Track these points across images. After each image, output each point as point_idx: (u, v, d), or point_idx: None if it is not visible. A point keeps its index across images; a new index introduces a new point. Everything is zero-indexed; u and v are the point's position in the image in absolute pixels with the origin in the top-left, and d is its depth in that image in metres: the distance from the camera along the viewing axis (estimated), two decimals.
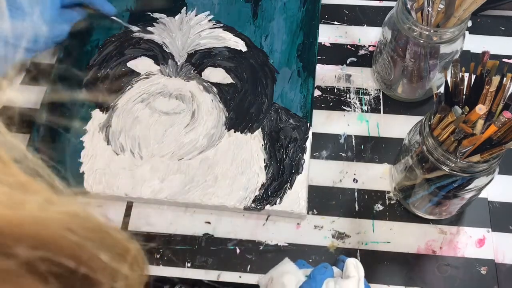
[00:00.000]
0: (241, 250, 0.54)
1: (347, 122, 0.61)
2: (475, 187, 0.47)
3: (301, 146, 0.57)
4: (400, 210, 0.55)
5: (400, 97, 0.61)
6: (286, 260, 0.47)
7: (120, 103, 0.59)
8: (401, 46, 0.55)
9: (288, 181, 0.55)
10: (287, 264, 0.46)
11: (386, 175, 0.57)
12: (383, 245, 0.53)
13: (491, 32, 0.66)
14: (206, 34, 0.64)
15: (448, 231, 0.54)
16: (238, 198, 0.54)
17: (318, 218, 0.55)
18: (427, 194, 0.49)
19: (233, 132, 0.58)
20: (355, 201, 0.56)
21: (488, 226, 0.54)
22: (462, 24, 0.50)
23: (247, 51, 0.64)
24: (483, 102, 0.42)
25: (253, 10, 0.67)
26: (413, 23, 0.51)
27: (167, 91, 0.60)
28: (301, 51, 0.64)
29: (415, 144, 0.48)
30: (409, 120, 0.60)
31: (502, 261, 0.52)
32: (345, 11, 0.69)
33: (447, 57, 0.54)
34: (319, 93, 0.63)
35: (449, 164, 0.43)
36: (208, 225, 0.55)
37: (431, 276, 0.52)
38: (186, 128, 0.58)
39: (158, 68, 0.62)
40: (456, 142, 0.42)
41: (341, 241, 0.54)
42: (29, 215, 0.18)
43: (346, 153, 0.59)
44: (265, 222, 0.55)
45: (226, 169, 0.56)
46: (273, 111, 0.60)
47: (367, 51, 0.66)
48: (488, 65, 0.42)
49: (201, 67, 0.61)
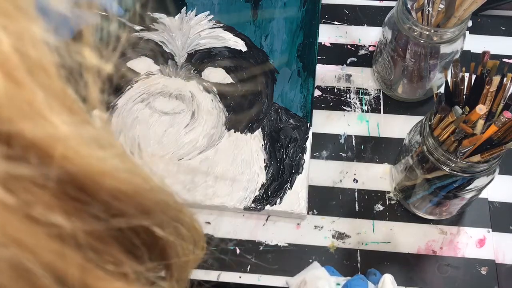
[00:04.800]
0: (241, 250, 0.53)
1: (347, 122, 0.60)
2: (476, 187, 0.47)
3: (301, 146, 0.57)
4: (400, 210, 0.55)
5: (400, 97, 0.61)
6: (317, 264, 0.47)
7: (120, 103, 0.59)
8: (401, 46, 0.55)
9: (288, 181, 0.55)
10: (319, 268, 0.46)
11: (386, 175, 0.57)
12: (383, 245, 0.53)
13: (491, 32, 0.66)
14: (206, 34, 0.64)
15: (448, 231, 0.54)
16: (238, 198, 0.54)
17: (318, 218, 0.55)
18: (428, 194, 0.49)
19: (233, 132, 0.58)
20: (355, 201, 0.56)
21: (489, 226, 0.54)
22: (463, 24, 0.50)
23: (247, 51, 0.63)
24: (483, 102, 0.42)
25: (253, 10, 0.67)
26: (413, 23, 0.50)
27: (167, 91, 0.60)
28: (301, 51, 0.64)
29: (415, 144, 0.48)
30: (409, 120, 0.60)
31: (503, 261, 0.52)
32: (345, 11, 0.69)
33: (448, 57, 0.54)
34: (319, 93, 0.63)
35: (449, 164, 0.43)
36: (208, 225, 0.55)
37: (432, 276, 0.52)
38: (186, 128, 0.58)
39: (158, 68, 0.62)
40: (456, 142, 0.42)
41: (341, 241, 0.54)
42: (144, 183, 0.19)
43: (346, 153, 0.59)
44: (265, 222, 0.55)
45: (226, 169, 0.56)
46: (273, 111, 0.59)
47: (367, 51, 0.66)
48: (488, 65, 0.42)
49: (201, 67, 0.61)
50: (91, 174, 0.16)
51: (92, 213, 0.17)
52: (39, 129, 0.15)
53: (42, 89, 0.15)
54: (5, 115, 0.14)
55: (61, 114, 0.16)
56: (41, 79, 0.16)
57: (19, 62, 0.15)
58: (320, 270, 0.45)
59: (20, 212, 0.15)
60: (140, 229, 0.19)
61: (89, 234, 0.17)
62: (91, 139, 0.17)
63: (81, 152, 0.16)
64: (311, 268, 0.46)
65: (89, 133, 0.17)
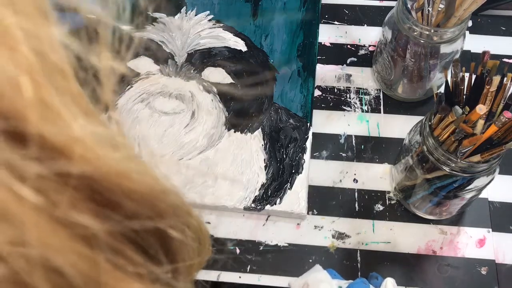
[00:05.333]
0: (241, 250, 0.53)
1: (347, 122, 0.60)
2: (476, 187, 0.46)
3: (301, 146, 0.57)
4: (400, 210, 0.55)
5: (400, 97, 0.61)
6: (319, 267, 0.46)
7: (120, 103, 0.59)
8: (401, 46, 0.55)
9: (288, 181, 0.55)
10: (321, 271, 0.45)
11: (386, 175, 0.57)
12: (383, 245, 0.53)
13: (491, 32, 0.66)
14: (206, 34, 0.64)
15: (448, 231, 0.54)
16: (238, 198, 0.54)
17: (318, 218, 0.55)
18: (428, 194, 0.49)
19: (233, 132, 0.58)
20: (355, 201, 0.56)
21: (489, 226, 0.54)
22: (463, 24, 0.50)
23: (247, 51, 0.63)
24: (483, 102, 0.42)
25: (253, 10, 0.67)
26: (414, 23, 0.50)
27: (167, 91, 0.60)
28: (301, 51, 0.64)
29: (415, 144, 0.48)
30: (409, 120, 0.60)
31: (503, 261, 0.52)
32: (345, 11, 0.69)
33: (448, 57, 0.54)
34: (319, 93, 0.63)
35: (449, 164, 0.43)
36: (208, 225, 0.55)
37: (432, 276, 0.52)
38: (186, 128, 0.58)
39: (158, 67, 0.62)
40: (456, 142, 0.42)
41: (341, 241, 0.54)
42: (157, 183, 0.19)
43: (346, 153, 0.59)
44: (265, 222, 0.55)
45: (226, 169, 0.56)
46: (273, 111, 0.59)
47: (367, 51, 0.66)
48: (488, 65, 0.42)
49: (201, 67, 0.61)
50: (107, 175, 0.16)
51: (110, 215, 0.17)
52: (59, 132, 0.15)
53: (60, 92, 0.16)
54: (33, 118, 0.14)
55: (78, 116, 0.16)
56: (59, 82, 0.16)
57: (39, 65, 0.15)
58: (322, 273, 0.45)
59: (46, 213, 0.15)
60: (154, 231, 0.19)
61: (109, 235, 0.17)
62: (106, 140, 0.17)
63: (97, 153, 0.16)
64: (313, 271, 0.46)
65: (104, 134, 0.17)
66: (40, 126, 0.15)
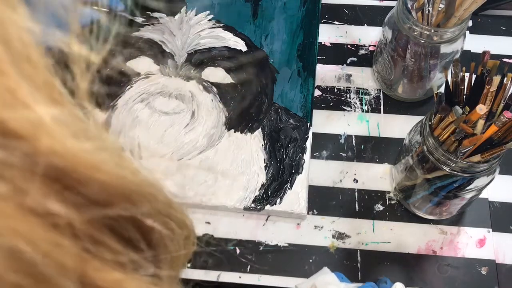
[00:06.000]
0: (241, 250, 0.53)
1: (347, 122, 0.60)
2: (476, 187, 0.46)
3: (301, 146, 0.57)
4: (400, 210, 0.55)
5: (400, 97, 0.61)
6: (326, 269, 0.46)
7: (120, 103, 0.59)
8: (401, 46, 0.55)
9: (288, 181, 0.55)
10: (329, 274, 0.45)
11: (387, 175, 0.57)
12: (384, 245, 0.53)
13: (491, 32, 0.66)
14: (206, 34, 0.64)
15: (448, 231, 0.54)
16: (238, 198, 0.54)
17: (318, 218, 0.55)
18: (428, 194, 0.49)
19: (233, 132, 0.58)
20: (355, 201, 0.56)
21: (489, 226, 0.54)
22: (463, 24, 0.50)
23: (247, 51, 0.63)
24: (483, 102, 0.42)
25: (253, 10, 0.67)
26: (414, 23, 0.50)
27: (167, 91, 0.60)
28: (301, 51, 0.64)
29: (415, 144, 0.48)
30: (409, 120, 0.60)
31: (503, 261, 0.52)
32: (345, 11, 0.69)
33: (448, 57, 0.54)
34: (319, 93, 0.63)
35: (449, 164, 0.43)
36: (208, 225, 0.55)
37: (432, 276, 0.52)
38: (186, 128, 0.58)
39: (158, 67, 0.62)
40: (456, 142, 0.42)
41: (341, 241, 0.54)
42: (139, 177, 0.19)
43: (346, 153, 0.59)
44: (265, 222, 0.55)
45: (226, 169, 0.56)
46: (273, 111, 0.59)
47: (367, 51, 0.66)
48: (488, 65, 0.42)
49: (201, 66, 0.61)
50: (76, 166, 0.16)
51: (83, 203, 0.17)
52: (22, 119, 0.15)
53: (26, 79, 0.15)
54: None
55: (45, 105, 0.16)
56: (26, 69, 0.16)
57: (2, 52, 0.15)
58: (330, 275, 0.45)
59: (13, 200, 0.15)
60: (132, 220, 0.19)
61: (84, 223, 0.17)
62: (78, 131, 0.17)
63: (66, 143, 0.16)
64: (320, 274, 0.46)
65: (76, 125, 0.17)
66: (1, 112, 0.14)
